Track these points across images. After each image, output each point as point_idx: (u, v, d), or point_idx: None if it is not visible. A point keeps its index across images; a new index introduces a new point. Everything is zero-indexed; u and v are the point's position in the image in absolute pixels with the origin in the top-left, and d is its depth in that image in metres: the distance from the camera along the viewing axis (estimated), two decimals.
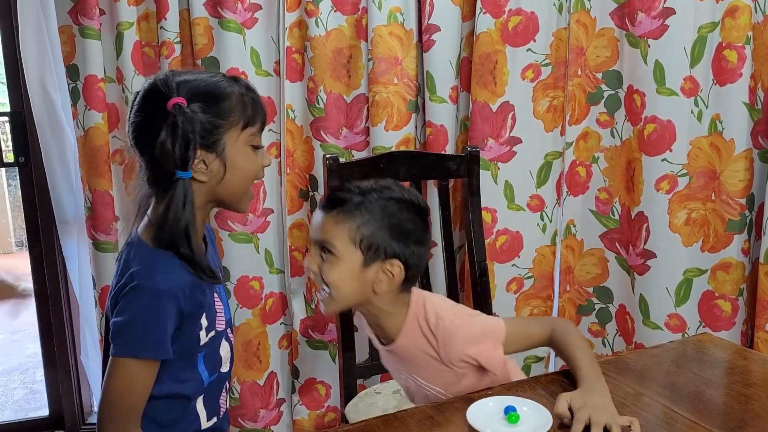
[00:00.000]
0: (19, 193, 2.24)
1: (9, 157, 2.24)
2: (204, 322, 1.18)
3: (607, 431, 1.01)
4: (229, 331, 1.29)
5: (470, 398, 1.13)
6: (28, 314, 3.91)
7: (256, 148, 1.18)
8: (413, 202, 1.24)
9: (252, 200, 1.21)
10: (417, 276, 1.28)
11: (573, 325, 1.28)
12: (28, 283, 4.62)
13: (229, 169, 1.14)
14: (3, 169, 5.74)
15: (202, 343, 1.19)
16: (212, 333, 1.21)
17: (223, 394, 1.30)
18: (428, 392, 1.30)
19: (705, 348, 1.34)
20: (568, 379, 1.20)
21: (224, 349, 1.26)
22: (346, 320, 1.78)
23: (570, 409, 1.06)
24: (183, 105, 1.08)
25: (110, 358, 1.11)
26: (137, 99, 1.14)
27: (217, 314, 1.23)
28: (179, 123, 1.07)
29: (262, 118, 1.18)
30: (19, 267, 4.97)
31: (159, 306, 1.09)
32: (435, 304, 1.26)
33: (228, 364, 1.28)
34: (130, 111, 1.15)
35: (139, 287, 1.09)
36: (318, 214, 1.23)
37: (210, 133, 1.11)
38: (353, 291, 1.20)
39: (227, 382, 1.31)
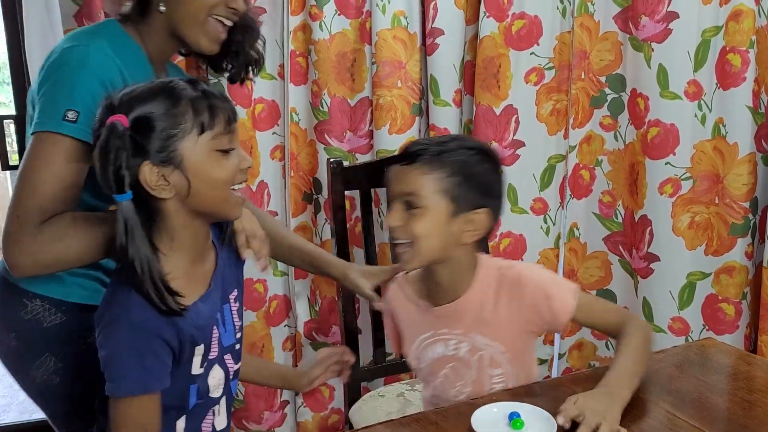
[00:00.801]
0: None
1: (14, 159, 2.25)
2: (200, 350, 1.12)
3: None
4: (228, 356, 1.20)
5: (475, 404, 1.13)
6: None
7: (225, 151, 1.06)
8: (490, 153, 1.26)
9: (240, 204, 1.12)
10: (493, 230, 1.29)
11: (645, 330, 1.22)
12: None
13: (193, 180, 1.03)
14: (8, 172, 5.76)
15: (194, 373, 1.12)
16: (205, 363, 1.14)
17: (208, 416, 1.20)
18: (483, 353, 1.27)
19: (708, 353, 1.34)
20: (572, 385, 1.20)
21: (214, 377, 1.17)
22: (349, 324, 1.79)
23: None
24: (119, 123, 0.99)
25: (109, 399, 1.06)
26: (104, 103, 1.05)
27: (213, 341, 1.15)
28: (109, 141, 0.99)
29: (226, 119, 1.06)
30: None
31: (140, 341, 1.04)
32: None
33: (219, 390, 1.19)
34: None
35: (116, 319, 1.04)
36: (398, 169, 1.21)
37: (160, 146, 1.01)
38: (440, 242, 1.20)
39: (218, 405, 1.21)
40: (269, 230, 1.37)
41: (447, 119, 2.11)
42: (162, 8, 1.26)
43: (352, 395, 1.82)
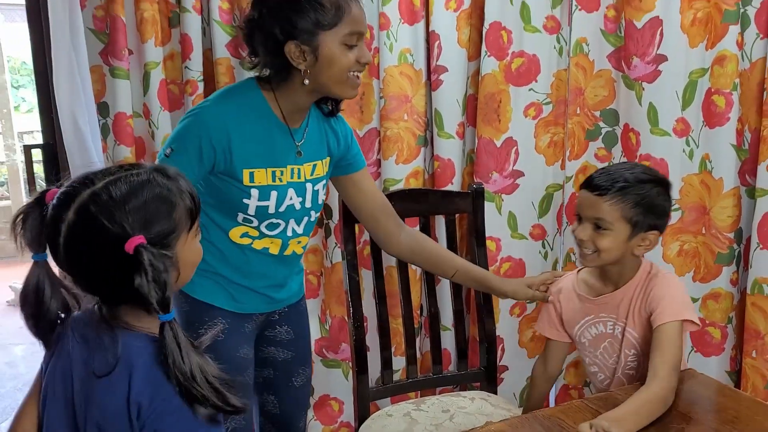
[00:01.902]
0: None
1: (42, 185, 2.37)
2: None
3: None
4: None
5: None
6: None
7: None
8: (664, 183, 1.57)
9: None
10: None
11: (664, 399, 1.38)
12: None
13: (182, 270, 1.06)
14: (23, 185, 5.91)
15: None
16: None
17: None
18: (626, 335, 1.57)
19: (688, 385, 1.47)
20: (563, 416, 1.33)
21: None
22: (359, 342, 1.92)
23: None
24: (143, 244, 0.96)
25: None
26: (71, 228, 0.97)
27: None
28: (149, 265, 0.95)
29: (197, 206, 1.10)
30: None
31: None
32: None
33: None
34: (67, 244, 0.98)
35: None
36: (589, 197, 1.52)
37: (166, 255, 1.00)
38: (618, 254, 1.52)
39: None
40: (437, 254, 1.74)
41: (450, 150, 2.23)
42: (306, 82, 1.44)
43: (362, 412, 1.95)
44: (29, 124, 7.63)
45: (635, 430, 1.28)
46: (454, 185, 2.25)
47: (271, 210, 1.49)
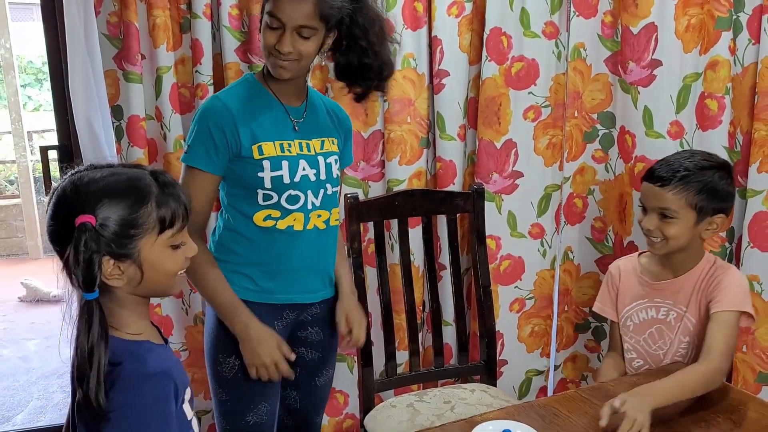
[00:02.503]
0: (46, 205, 2.44)
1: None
2: (188, 393, 1.18)
3: None
4: None
5: (473, 421, 1.34)
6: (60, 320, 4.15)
7: (177, 246, 1.15)
8: (726, 166, 1.64)
9: (179, 286, 1.21)
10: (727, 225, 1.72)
11: (709, 381, 1.47)
12: (58, 291, 4.86)
13: (147, 272, 1.10)
14: (32, 183, 5.99)
15: (189, 419, 1.18)
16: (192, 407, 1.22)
17: None
18: (684, 322, 1.65)
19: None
20: (559, 406, 1.40)
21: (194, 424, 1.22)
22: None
23: None
24: (89, 224, 1.02)
25: None
26: (50, 203, 1.08)
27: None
28: (83, 243, 1.02)
29: (182, 215, 1.13)
30: (48, 274, 5.22)
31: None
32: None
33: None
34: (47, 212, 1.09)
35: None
36: (654, 188, 1.60)
37: (122, 244, 1.06)
38: (685, 240, 1.61)
39: None
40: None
41: (452, 152, 2.31)
42: None
43: (366, 403, 2.03)
44: (37, 123, 7.72)
45: (665, 403, 1.37)
46: (456, 185, 2.32)
47: (286, 180, 1.57)
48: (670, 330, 1.67)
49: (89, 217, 1.02)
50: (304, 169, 1.60)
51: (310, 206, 1.62)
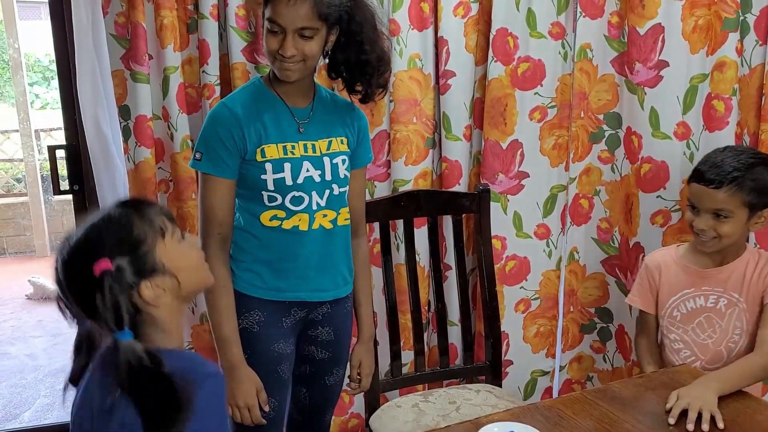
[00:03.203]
0: (53, 203, 2.44)
1: (64, 185, 2.46)
2: None
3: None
4: None
5: (478, 423, 1.34)
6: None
7: (182, 237, 1.20)
8: (766, 158, 1.68)
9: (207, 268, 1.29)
10: None
11: (763, 366, 1.57)
12: None
13: (178, 273, 1.15)
14: (39, 181, 6.02)
15: None
16: None
17: None
18: (736, 308, 1.70)
19: (682, 378, 1.54)
20: (564, 408, 1.41)
21: None
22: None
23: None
24: (107, 270, 1.06)
25: None
26: (60, 271, 1.09)
27: None
28: (111, 289, 1.06)
29: (167, 216, 1.19)
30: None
31: None
32: None
33: None
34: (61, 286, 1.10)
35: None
36: (706, 190, 1.64)
37: (144, 263, 1.11)
38: (737, 236, 1.67)
39: None
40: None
41: (458, 152, 2.31)
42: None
43: (372, 403, 2.04)
44: (44, 121, 7.75)
45: (728, 390, 1.44)
46: (461, 186, 2.32)
47: (289, 182, 1.59)
48: (720, 317, 1.70)
49: (104, 262, 1.06)
50: (308, 171, 1.61)
51: (315, 207, 1.63)
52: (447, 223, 2.29)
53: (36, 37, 9.30)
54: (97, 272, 1.06)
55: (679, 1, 2.10)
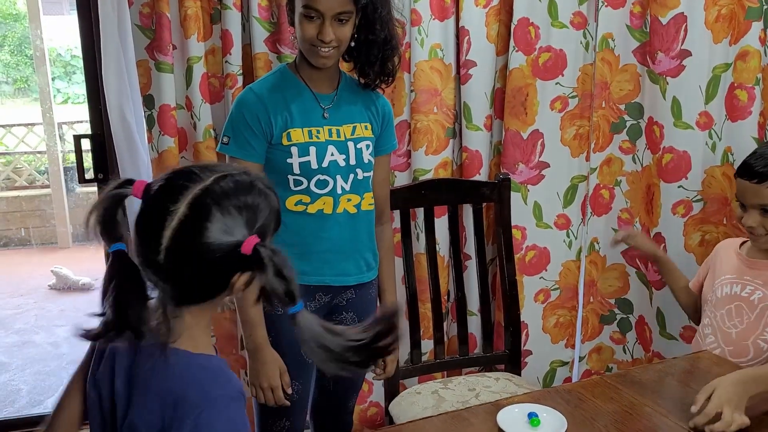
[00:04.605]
0: (77, 194, 2.47)
1: (90, 174, 2.50)
2: None
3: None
4: None
5: (499, 404, 1.36)
6: (89, 308, 4.24)
7: None
8: None
9: None
10: None
11: None
12: (87, 279, 4.96)
13: None
14: (62, 172, 6.10)
15: None
16: None
17: None
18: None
19: (702, 365, 1.55)
20: (583, 391, 1.42)
21: None
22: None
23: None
24: (260, 243, 0.98)
25: None
26: (188, 229, 0.97)
27: None
28: (269, 263, 0.96)
29: None
30: (77, 262, 5.32)
31: None
32: None
33: None
34: (175, 237, 0.97)
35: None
36: (751, 186, 1.62)
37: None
38: None
39: None
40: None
41: (478, 142, 2.31)
42: (294, 42, 1.69)
43: (391, 390, 2.05)
44: (66, 115, 7.85)
45: (760, 390, 1.37)
46: (482, 175, 2.33)
47: (314, 165, 1.62)
48: (752, 309, 1.68)
49: (254, 239, 0.98)
50: (332, 155, 1.63)
51: (339, 191, 1.65)
52: (467, 212, 2.30)
53: (58, 32, 9.39)
54: (248, 250, 0.97)
55: None
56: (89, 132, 2.46)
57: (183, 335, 1.02)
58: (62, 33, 9.90)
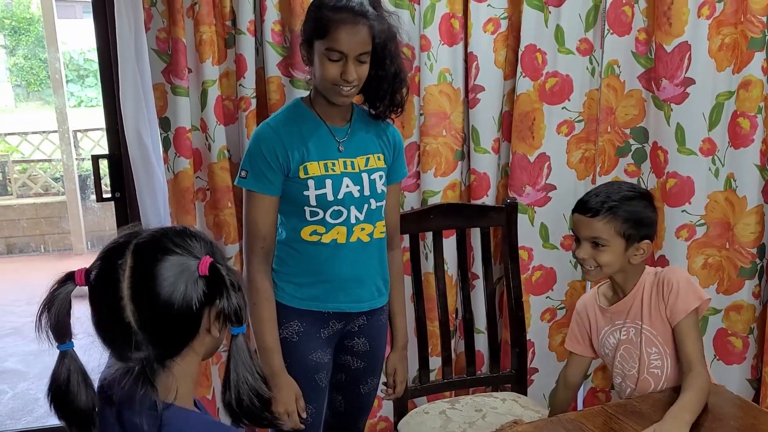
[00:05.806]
0: (91, 204, 2.50)
1: (107, 193, 2.56)
2: None
3: None
4: None
5: None
6: None
7: None
8: (648, 196, 1.75)
9: None
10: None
11: (705, 389, 1.57)
12: None
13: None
14: (77, 181, 6.19)
15: None
16: None
17: None
18: (643, 335, 1.72)
19: (713, 401, 1.57)
20: (585, 421, 1.46)
21: None
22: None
23: None
24: (215, 261, 1.02)
25: None
26: (142, 274, 1.00)
27: None
28: (226, 276, 1.02)
29: None
30: None
31: None
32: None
33: None
34: (133, 286, 1.00)
35: None
36: (584, 219, 1.69)
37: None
38: (617, 266, 1.69)
39: None
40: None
41: (486, 164, 2.36)
42: (311, 81, 1.74)
43: (400, 408, 2.11)
44: (79, 120, 7.94)
45: (695, 416, 1.46)
46: (489, 197, 2.38)
47: (330, 197, 1.67)
48: (635, 347, 1.74)
49: (208, 258, 1.02)
50: (347, 186, 1.69)
51: (353, 220, 1.71)
52: (475, 234, 2.35)
53: (71, 36, 9.48)
54: (203, 270, 1.01)
55: (706, 19, 2.14)
56: (108, 152, 2.53)
57: (170, 391, 1.04)
58: (75, 37, 9.98)
